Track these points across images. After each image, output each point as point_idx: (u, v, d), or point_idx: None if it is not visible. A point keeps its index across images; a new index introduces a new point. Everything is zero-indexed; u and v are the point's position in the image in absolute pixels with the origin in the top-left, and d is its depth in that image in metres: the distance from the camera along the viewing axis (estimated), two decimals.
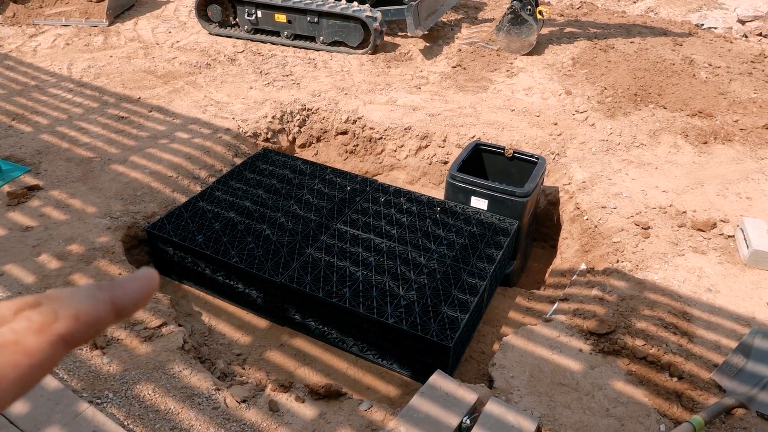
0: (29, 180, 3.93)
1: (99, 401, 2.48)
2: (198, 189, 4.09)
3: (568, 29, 6.77)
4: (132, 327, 2.86)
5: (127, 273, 3.15)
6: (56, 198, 3.77)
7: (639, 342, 2.84)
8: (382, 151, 4.86)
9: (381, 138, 4.83)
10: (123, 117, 4.81)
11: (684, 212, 3.83)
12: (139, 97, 5.13)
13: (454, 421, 2.40)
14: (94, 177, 4.03)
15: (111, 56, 5.92)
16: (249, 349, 3.20)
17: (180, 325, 3.08)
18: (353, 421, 2.47)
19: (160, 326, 2.89)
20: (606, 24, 6.92)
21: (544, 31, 6.62)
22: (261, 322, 3.38)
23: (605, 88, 5.31)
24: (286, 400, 2.56)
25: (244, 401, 2.55)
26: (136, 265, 3.54)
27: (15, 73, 5.49)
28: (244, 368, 3.04)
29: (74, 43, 6.21)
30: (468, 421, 2.42)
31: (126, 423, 2.39)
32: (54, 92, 5.17)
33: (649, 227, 3.70)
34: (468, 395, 2.52)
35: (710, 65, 5.79)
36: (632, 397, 2.61)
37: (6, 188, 3.82)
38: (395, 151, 4.82)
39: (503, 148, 4.14)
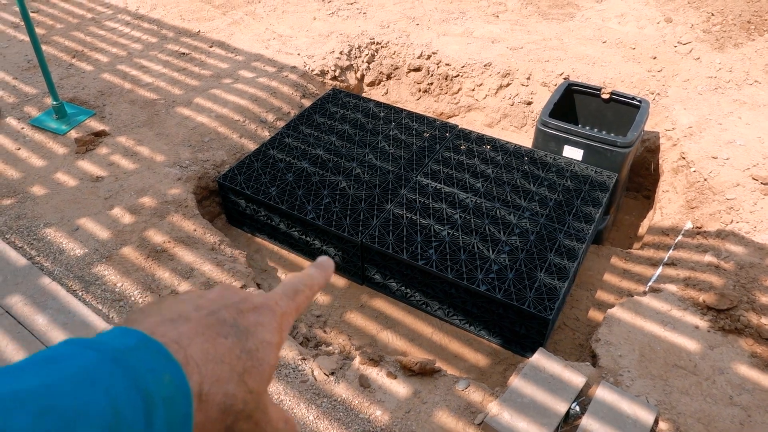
0: (95, 125, 3.79)
1: None
2: (266, 134, 3.86)
3: None
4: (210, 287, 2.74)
5: (201, 229, 3.01)
6: (124, 145, 3.62)
7: (765, 320, 2.53)
8: (459, 90, 4.47)
9: (458, 75, 4.43)
10: (184, 53, 4.56)
11: None
12: (199, 31, 4.85)
13: (562, 408, 2.20)
14: (160, 121, 3.85)
15: None
16: (329, 310, 3.07)
17: (258, 285, 2.95)
18: (450, 401, 2.31)
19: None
20: None
21: None
22: (339, 281, 3.23)
23: (712, 14, 4.68)
24: (376, 375, 2.42)
25: (332, 374, 2.42)
26: (208, 218, 3.41)
27: (71, 4, 5.27)
28: (325, 331, 2.91)
29: None
30: (577, 408, 2.23)
31: None
32: (111, 26, 4.94)
33: None
34: (575, 378, 2.31)
35: None
36: (758, 383, 2.35)
37: (73, 134, 3.69)
38: (473, 90, 4.42)
39: (599, 89, 3.71)
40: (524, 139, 4.20)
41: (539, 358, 2.39)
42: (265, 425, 0.46)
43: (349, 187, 3.31)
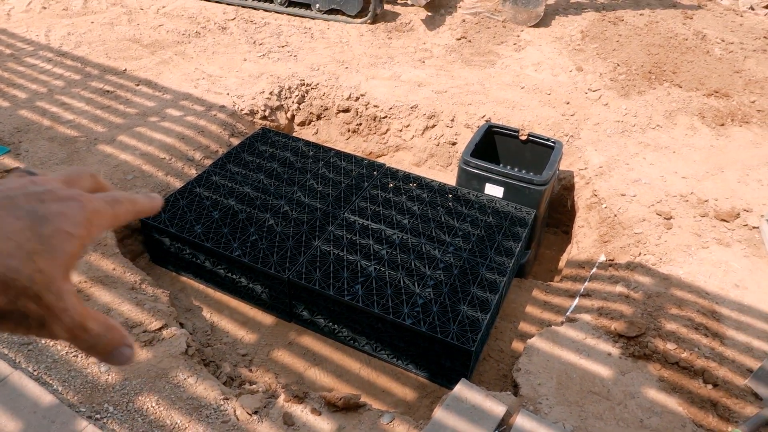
0: (9, 162, 3.63)
1: (99, 416, 2.28)
2: (193, 173, 3.82)
3: None
4: (130, 330, 2.64)
5: (121, 268, 2.92)
6: None
7: (670, 345, 2.70)
8: (387, 130, 4.61)
9: (386, 117, 4.57)
10: (108, 91, 4.48)
11: (706, 201, 3.68)
12: (125, 69, 4.79)
13: None
14: (80, 158, 3.74)
15: (92, 22, 5.52)
16: (255, 348, 3.01)
17: (182, 325, 2.88)
18: None
19: (160, 329, 2.68)
20: None
21: (550, 0, 6.33)
22: (266, 318, 3.19)
23: (618, 65, 5.09)
24: (301, 412, 2.38)
25: (255, 412, 2.37)
26: (130, 257, 3.31)
27: None
28: (251, 370, 2.85)
29: (51, 7, 5.78)
30: None
31: None
32: (32, 62, 4.80)
33: (671, 217, 3.54)
34: (496, 407, 2.37)
35: (723, 41, 5.58)
36: (666, 406, 2.48)
37: None
38: (401, 130, 4.57)
39: (517, 131, 3.93)
40: (450, 177, 4.35)
41: (461, 389, 2.43)
42: (61, 313, 0.45)
43: (277, 225, 3.31)
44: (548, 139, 3.83)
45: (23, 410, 2.21)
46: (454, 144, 4.47)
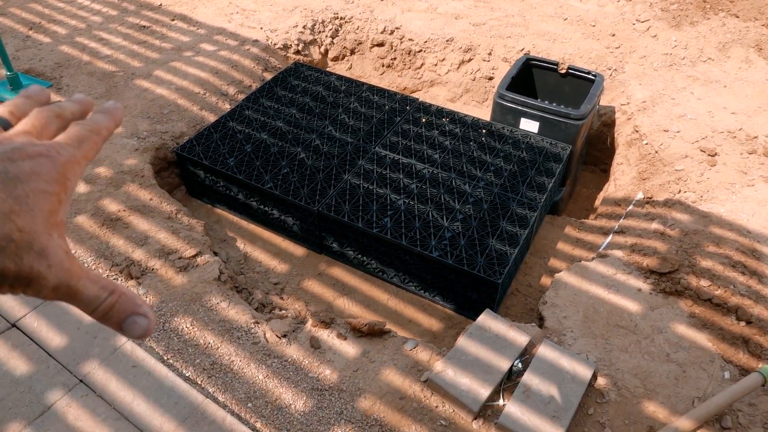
0: (51, 96, 3.73)
1: None
2: (227, 107, 3.85)
3: None
4: (166, 256, 2.75)
5: (158, 198, 3.01)
6: None
7: (704, 282, 2.63)
8: (422, 65, 4.50)
9: (420, 51, 4.45)
10: (144, 26, 4.50)
11: (755, 137, 3.49)
12: (161, 4, 4.79)
13: (504, 365, 2.27)
14: (118, 93, 3.81)
15: None
16: (286, 277, 3.10)
17: (215, 254, 2.97)
18: (398, 360, 2.37)
19: (194, 256, 2.78)
20: None
21: None
22: (298, 250, 3.26)
23: None
24: (327, 336, 2.46)
25: (284, 336, 2.46)
26: (167, 189, 3.40)
27: None
28: (282, 298, 2.95)
29: None
30: (519, 365, 2.30)
31: (166, 358, 2.33)
32: None
33: (715, 154, 3.38)
34: (519, 337, 2.38)
35: None
36: (695, 341, 2.45)
37: None
38: (436, 65, 4.45)
39: (557, 64, 3.77)
40: (485, 113, 4.25)
41: (485, 319, 2.45)
42: (46, 271, 0.44)
43: (308, 158, 3.33)
44: (589, 72, 3.67)
45: (68, 326, 2.36)
46: (490, 79, 4.33)
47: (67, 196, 0.47)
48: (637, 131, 3.69)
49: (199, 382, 2.27)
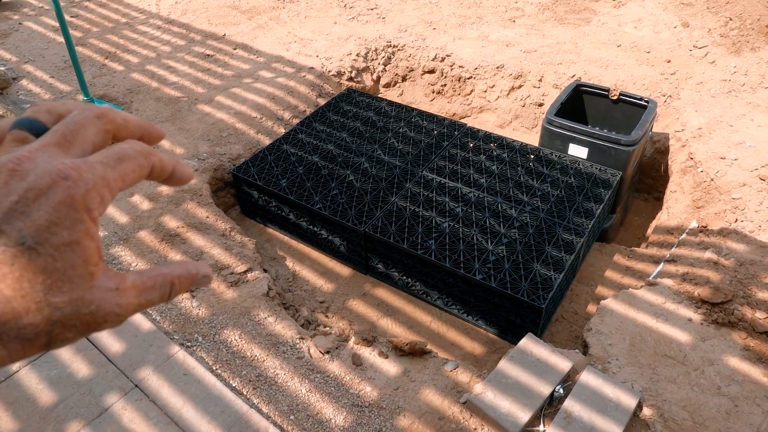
0: None
1: (189, 344, 2.53)
2: (282, 131, 4.02)
3: None
4: (219, 271, 2.88)
5: (214, 216, 3.16)
6: None
7: (760, 314, 2.53)
8: (472, 91, 4.56)
9: (471, 77, 4.52)
10: (209, 55, 4.78)
11: None
12: (224, 34, 5.07)
13: (546, 390, 2.25)
14: (182, 117, 4.04)
15: None
16: (332, 296, 3.18)
17: (265, 271, 3.09)
18: (438, 381, 2.38)
19: (245, 272, 2.90)
20: None
21: None
22: (344, 270, 3.34)
23: (730, 19, 4.66)
24: (369, 354, 2.51)
25: (327, 352, 2.52)
26: (223, 207, 3.57)
27: (107, 10, 5.57)
28: (327, 316, 3.02)
29: None
30: (561, 391, 2.27)
31: (215, 368, 2.43)
32: (143, 29, 5.20)
33: None
34: (561, 362, 2.36)
35: None
36: (748, 375, 2.35)
37: None
38: (485, 91, 4.50)
39: (608, 90, 3.75)
40: (534, 139, 4.25)
41: (527, 343, 2.44)
42: (104, 319, 0.40)
43: (356, 181, 3.42)
44: (641, 98, 3.63)
45: (127, 334, 2.50)
46: (540, 105, 4.34)
47: (96, 228, 0.40)
48: (692, 158, 3.60)
49: (245, 393, 2.35)
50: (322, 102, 4.30)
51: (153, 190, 3.37)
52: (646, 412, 2.24)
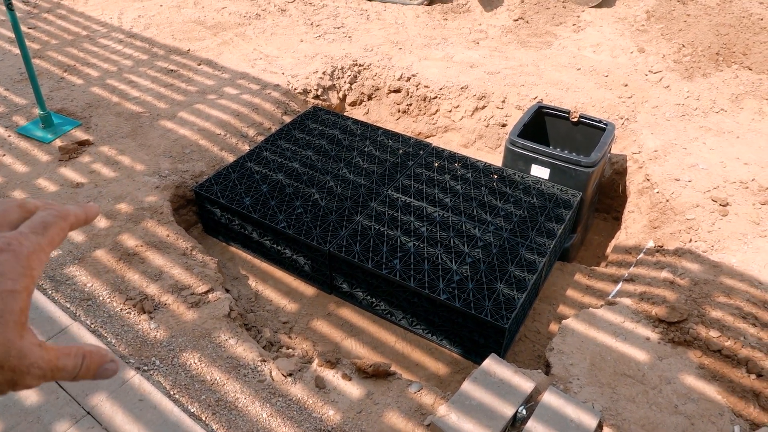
0: (80, 135, 3.91)
1: (146, 368, 2.46)
2: (246, 148, 3.98)
3: None
4: (179, 292, 2.82)
5: (174, 234, 3.09)
6: (106, 154, 3.73)
7: (714, 333, 2.61)
8: (437, 111, 4.61)
9: (436, 97, 4.58)
10: (172, 70, 4.71)
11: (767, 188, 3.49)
12: (189, 50, 5.01)
13: (509, 411, 2.26)
14: (143, 133, 3.96)
15: (161, 5, 5.78)
16: (296, 317, 3.14)
17: (227, 291, 3.03)
18: (402, 403, 2.37)
19: (206, 292, 2.84)
20: None
21: None
22: (308, 289, 3.30)
23: (683, 46, 4.86)
24: (332, 376, 2.48)
25: (290, 375, 2.48)
26: (185, 226, 3.50)
27: (67, 22, 5.44)
28: (290, 337, 2.98)
29: None
30: (524, 411, 2.28)
31: (172, 392, 2.36)
32: (105, 43, 5.10)
33: (727, 204, 3.39)
34: (524, 383, 2.37)
35: None
36: (704, 393, 2.41)
37: (58, 143, 3.80)
38: (450, 111, 4.56)
39: (568, 112, 3.84)
40: (498, 159, 4.32)
41: (490, 364, 2.45)
42: (28, 370, 0.45)
43: (321, 199, 3.41)
44: (600, 121, 3.73)
45: None
46: (504, 126, 4.42)
47: (33, 286, 0.47)
48: (648, 180, 3.71)
49: (204, 419, 2.29)
50: (287, 119, 4.28)
51: (111, 208, 3.28)
52: (606, 431, 2.26)
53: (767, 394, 2.39)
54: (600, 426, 2.27)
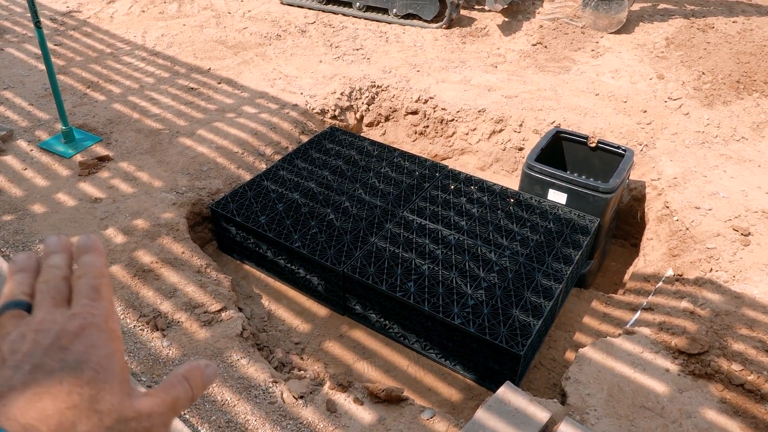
0: (100, 150, 3.95)
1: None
2: (263, 167, 4.00)
3: (662, 5, 6.21)
4: (192, 310, 2.81)
5: (189, 252, 3.09)
6: (125, 170, 3.77)
7: (736, 366, 2.54)
8: (453, 133, 4.62)
9: (453, 120, 4.58)
10: (193, 88, 4.78)
11: None
12: (210, 68, 5.08)
13: None
14: (162, 149, 4.01)
15: (184, 25, 5.89)
16: (308, 337, 3.11)
17: (240, 309, 3.02)
18: (414, 430, 2.32)
19: (220, 311, 2.83)
20: (705, 0, 6.31)
21: (635, 6, 6.10)
22: (321, 310, 3.28)
23: (703, 73, 4.83)
24: (344, 400, 2.44)
25: (301, 397, 2.45)
26: (200, 243, 3.51)
27: (92, 39, 5.56)
28: (302, 358, 2.95)
29: (149, 11, 6.22)
30: None
31: (182, 413, 2.34)
32: (128, 60, 5.20)
33: (749, 233, 3.32)
34: (539, 413, 2.32)
35: None
36: (725, 429, 2.34)
37: (78, 158, 3.85)
38: (467, 134, 4.56)
39: (586, 137, 3.82)
40: (514, 182, 4.29)
41: (505, 392, 2.40)
42: (150, 423, 0.46)
43: (337, 220, 3.40)
44: (619, 147, 3.70)
45: None
46: (520, 149, 4.40)
47: (123, 346, 0.50)
48: (667, 207, 3.66)
49: None
50: (304, 139, 4.30)
51: (128, 224, 3.30)
52: None
53: None
54: None
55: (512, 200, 3.59)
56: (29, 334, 0.47)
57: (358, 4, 6.03)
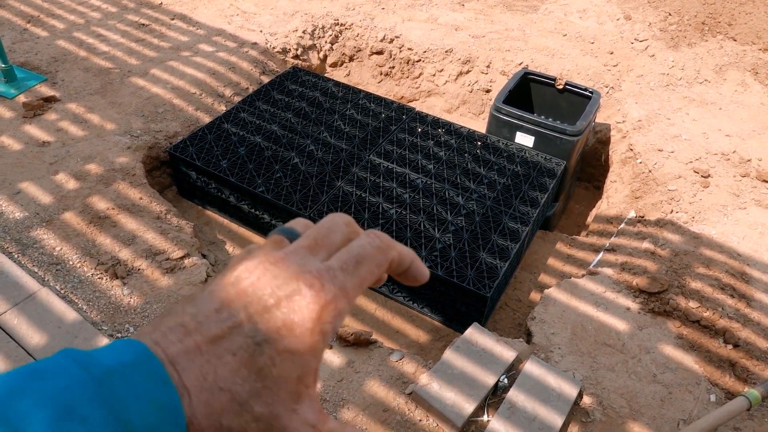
0: (45, 90, 3.70)
1: (119, 335, 2.38)
2: (222, 108, 3.83)
3: None
4: (153, 257, 2.72)
5: (148, 197, 2.97)
6: (74, 111, 3.55)
7: (693, 304, 2.63)
8: (420, 74, 4.50)
9: (419, 60, 4.46)
10: (144, 24, 4.49)
11: (748, 160, 3.50)
12: (161, 3, 4.77)
13: (490, 380, 2.25)
14: (113, 90, 3.78)
15: None
16: None
17: (204, 256, 2.94)
18: (383, 371, 2.34)
19: (182, 257, 2.75)
20: None
21: None
22: None
23: (669, 14, 4.80)
24: None
25: None
26: (158, 188, 3.37)
27: None
28: None
29: None
30: (505, 381, 2.28)
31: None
32: None
33: (709, 175, 3.39)
34: (506, 352, 2.36)
35: None
36: (681, 363, 2.44)
37: (22, 98, 3.61)
38: (434, 75, 4.45)
39: (554, 79, 3.77)
40: (481, 125, 4.25)
41: (472, 333, 2.43)
42: None
43: (302, 163, 3.31)
44: (586, 89, 3.67)
45: (48, 325, 2.32)
46: (488, 91, 4.34)
47: (324, 345, 0.40)
48: (631, 150, 3.69)
49: None
50: (265, 80, 4.13)
51: (80, 169, 3.13)
52: (586, 400, 2.28)
53: (743, 363, 2.43)
54: (580, 395, 2.28)
55: (479, 143, 3.55)
56: (262, 265, 0.40)
57: None
